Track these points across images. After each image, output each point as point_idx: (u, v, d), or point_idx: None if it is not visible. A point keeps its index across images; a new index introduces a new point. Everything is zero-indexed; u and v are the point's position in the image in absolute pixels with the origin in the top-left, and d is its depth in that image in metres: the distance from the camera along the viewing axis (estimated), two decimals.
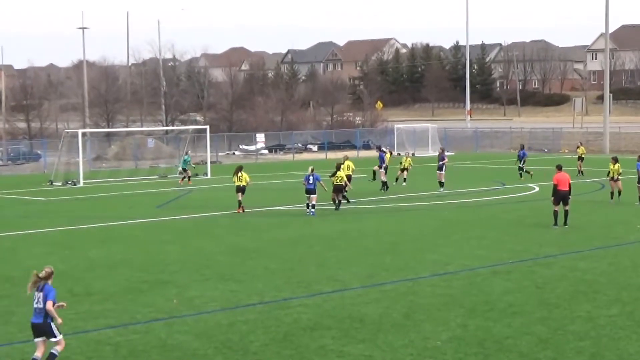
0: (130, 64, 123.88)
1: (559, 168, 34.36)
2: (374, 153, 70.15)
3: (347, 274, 25.21)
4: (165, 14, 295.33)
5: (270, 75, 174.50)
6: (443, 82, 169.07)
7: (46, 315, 16.02)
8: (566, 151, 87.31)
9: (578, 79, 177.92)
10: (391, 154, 60.10)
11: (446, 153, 54.85)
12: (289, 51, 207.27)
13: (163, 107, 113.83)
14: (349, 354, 16.98)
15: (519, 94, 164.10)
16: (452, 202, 45.08)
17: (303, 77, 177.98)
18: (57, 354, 16.10)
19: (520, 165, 57.52)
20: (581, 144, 63.00)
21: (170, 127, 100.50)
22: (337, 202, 40.80)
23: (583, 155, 60.02)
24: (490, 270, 25.42)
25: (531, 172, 55.58)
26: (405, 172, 53.13)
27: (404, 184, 52.32)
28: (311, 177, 39.14)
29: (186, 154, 62.61)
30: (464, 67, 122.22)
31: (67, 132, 72.54)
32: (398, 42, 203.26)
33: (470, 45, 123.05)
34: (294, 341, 17.94)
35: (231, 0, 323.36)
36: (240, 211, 40.35)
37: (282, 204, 44.25)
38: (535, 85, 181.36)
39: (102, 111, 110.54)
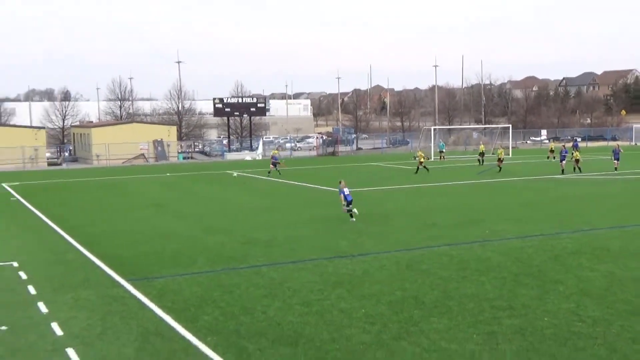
0: (463, 86, 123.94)
1: None
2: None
3: (597, 219, 23.86)
4: (482, 55, 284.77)
5: (551, 93, 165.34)
6: None
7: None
8: None
9: None
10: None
11: None
12: (563, 78, 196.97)
13: (483, 113, 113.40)
14: (597, 270, 16.20)
15: None
16: None
17: (572, 95, 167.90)
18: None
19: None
20: None
21: (487, 125, 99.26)
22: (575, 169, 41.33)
23: None
24: None
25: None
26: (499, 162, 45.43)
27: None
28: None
29: (440, 142, 64.29)
30: None
31: (425, 128, 74.28)
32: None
33: None
34: (561, 260, 17.34)
35: (513, 43, 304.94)
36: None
37: (553, 173, 42.52)
38: None
39: (445, 116, 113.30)
